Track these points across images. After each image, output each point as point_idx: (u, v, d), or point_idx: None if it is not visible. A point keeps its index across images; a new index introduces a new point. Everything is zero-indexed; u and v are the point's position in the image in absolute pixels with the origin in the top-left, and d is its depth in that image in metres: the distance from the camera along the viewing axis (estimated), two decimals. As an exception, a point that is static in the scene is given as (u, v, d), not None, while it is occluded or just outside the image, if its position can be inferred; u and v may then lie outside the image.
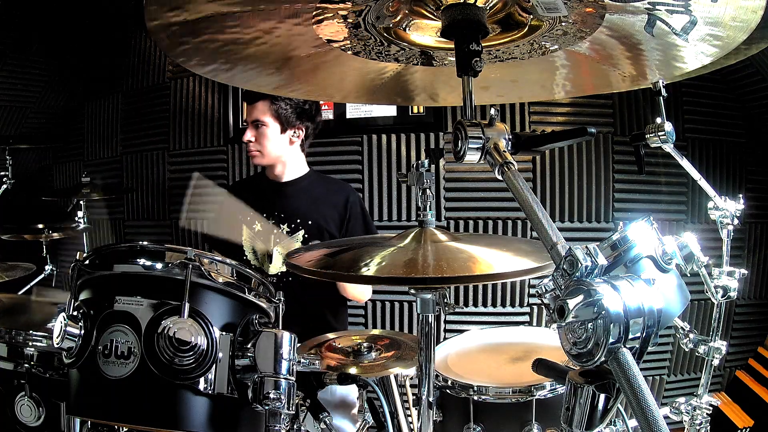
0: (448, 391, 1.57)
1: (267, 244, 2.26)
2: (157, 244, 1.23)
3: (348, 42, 1.18)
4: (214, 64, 1.24)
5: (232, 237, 2.32)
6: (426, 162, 1.27)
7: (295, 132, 2.27)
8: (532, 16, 1.08)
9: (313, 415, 1.50)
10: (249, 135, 2.24)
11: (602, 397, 0.74)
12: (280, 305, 1.36)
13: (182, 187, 3.59)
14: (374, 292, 3.08)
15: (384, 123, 3.14)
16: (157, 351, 1.10)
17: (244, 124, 2.31)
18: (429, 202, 1.28)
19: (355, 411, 1.93)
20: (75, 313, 1.17)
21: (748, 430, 2.67)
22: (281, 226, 2.25)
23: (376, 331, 1.96)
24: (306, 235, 2.23)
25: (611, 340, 0.63)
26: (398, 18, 1.11)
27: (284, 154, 2.29)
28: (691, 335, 1.60)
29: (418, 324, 1.25)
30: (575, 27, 1.10)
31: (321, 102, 3.15)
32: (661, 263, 0.78)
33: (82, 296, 1.23)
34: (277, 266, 2.24)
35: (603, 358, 0.64)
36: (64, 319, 1.14)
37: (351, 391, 1.99)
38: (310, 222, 2.24)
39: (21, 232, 3.23)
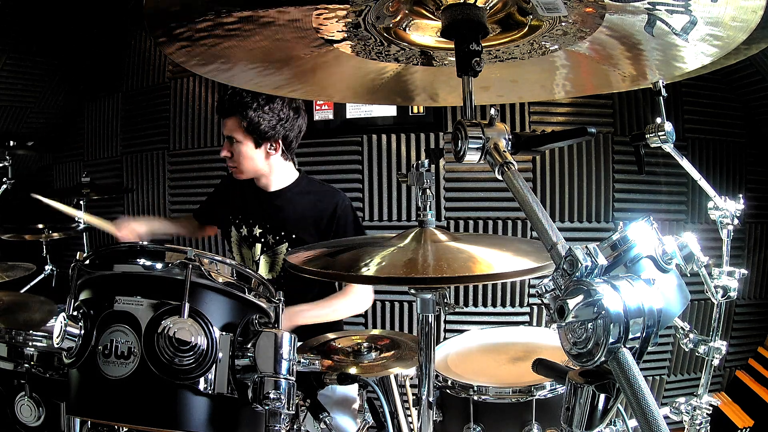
0: (448, 391, 1.57)
1: (252, 251, 2.21)
2: (157, 244, 1.23)
3: (348, 42, 1.18)
4: (214, 64, 1.24)
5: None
6: (426, 162, 1.27)
7: (270, 145, 2.13)
8: (532, 16, 1.08)
9: (313, 415, 1.50)
10: (224, 151, 2.14)
11: (602, 397, 0.74)
12: (280, 305, 1.36)
13: (182, 187, 3.60)
14: (375, 291, 3.09)
15: (384, 123, 3.14)
16: (157, 351, 1.10)
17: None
18: (429, 202, 1.28)
19: (356, 406, 1.92)
20: (75, 313, 1.17)
21: (748, 430, 2.67)
22: (267, 236, 2.19)
23: (376, 331, 1.96)
24: (289, 249, 2.16)
25: (611, 340, 0.63)
26: (398, 18, 1.11)
27: (263, 168, 2.17)
28: (691, 335, 1.60)
29: (418, 324, 1.25)
30: (575, 27, 1.10)
31: (320, 101, 3.17)
32: (661, 263, 0.78)
33: (82, 296, 1.23)
34: (263, 274, 2.18)
35: (603, 358, 0.64)
36: (64, 319, 1.14)
37: (351, 389, 1.98)
38: (294, 236, 2.16)
39: (21, 232, 3.23)
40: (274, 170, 2.20)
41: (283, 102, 2.09)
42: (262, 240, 2.20)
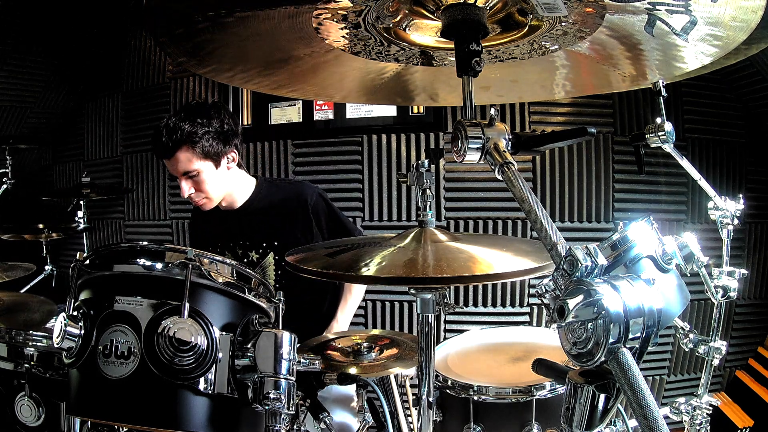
0: (448, 391, 1.57)
1: None
2: (157, 244, 1.23)
3: (348, 42, 1.18)
4: (214, 64, 1.24)
5: None
6: (426, 162, 1.27)
7: (228, 158, 2.06)
8: (532, 16, 1.08)
9: (313, 415, 1.50)
10: (186, 189, 2.01)
11: (602, 397, 0.74)
12: (280, 305, 1.36)
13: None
14: (374, 292, 3.09)
15: (384, 123, 3.14)
16: (157, 351, 1.10)
17: (171, 177, 2.08)
18: (429, 202, 1.28)
19: (354, 404, 1.92)
20: (75, 313, 1.17)
21: (748, 430, 2.67)
22: (249, 254, 2.14)
23: (376, 331, 1.95)
24: (276, 257, 2.12)
25: (611, 340, 0.63)
26: (398, 18, 1.11)
27: (229, 185, 2.10)
28: (691, 335, 1.60)
29: (418, 324, 1.25)
30: (575, 27, 1.10)
31: (320, 101, 3.17)
32: (661, 263, 0.78)
33: (82, 296, 1.23)
34: None
35: (603, 358, 0.64)
36: (64, 319, 1.14)
37: (350, 388, 1.98)
38: (276, 243, 2.11)
39: (21, 232, 3.24)
40: (237, 183, 2.14)
41: (212, 108, 2.03)
42: (245, 260, 2.13)
